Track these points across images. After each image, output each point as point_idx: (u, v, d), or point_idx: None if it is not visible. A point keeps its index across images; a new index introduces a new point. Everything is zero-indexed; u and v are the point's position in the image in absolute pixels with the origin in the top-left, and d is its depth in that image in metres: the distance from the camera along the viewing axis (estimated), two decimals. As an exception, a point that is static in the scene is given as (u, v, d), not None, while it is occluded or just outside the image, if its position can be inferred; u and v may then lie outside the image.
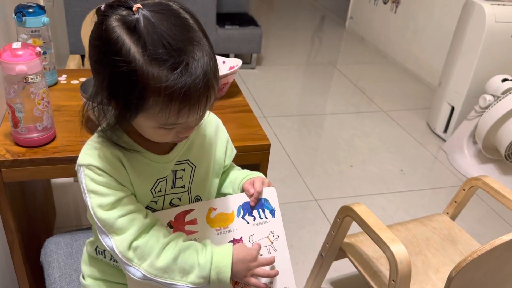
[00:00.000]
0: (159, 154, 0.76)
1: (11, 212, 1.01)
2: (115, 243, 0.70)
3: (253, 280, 0.77)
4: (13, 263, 1.09)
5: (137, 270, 0.71)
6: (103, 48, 0.61)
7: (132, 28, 0.60)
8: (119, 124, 0.68)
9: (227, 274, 0.73)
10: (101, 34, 0.61)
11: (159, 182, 0.77)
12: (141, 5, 0.61)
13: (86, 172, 0.71)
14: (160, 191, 0.79)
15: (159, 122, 0.65)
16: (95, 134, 0.73)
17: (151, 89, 0.60)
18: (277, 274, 0.82)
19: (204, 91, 0.62)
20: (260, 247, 0.83)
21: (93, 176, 0.70)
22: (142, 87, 0.60)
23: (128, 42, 0.60)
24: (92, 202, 0.70)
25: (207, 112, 0.76)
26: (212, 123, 0.86)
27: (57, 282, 0.98)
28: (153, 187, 0.77)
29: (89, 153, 0.71)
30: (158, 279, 0.71)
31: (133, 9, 0.60)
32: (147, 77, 0.60)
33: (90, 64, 0.68)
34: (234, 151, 0.91)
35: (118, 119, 0.66)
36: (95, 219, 0.71)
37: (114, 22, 0.61)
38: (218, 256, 0.74)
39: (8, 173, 0.96)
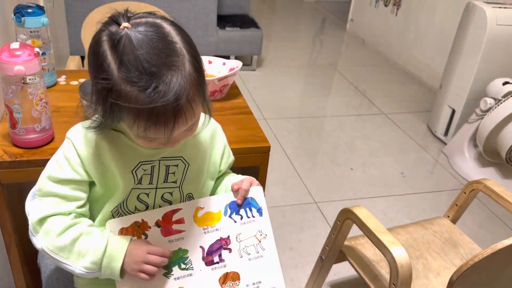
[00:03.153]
0: None
1: (8, 214, 1.01)
2: (33, 209, 0.76)
3: (143, 275, 0.75)
4: (11, 266, 1.08)
5: (38, 241, 0.76)
6: (91, 59, 0.68)
7: (114, 45, 0.64)
8: (104, 125, 0.72)
9: (118, 264, 0.74)
10: (93, 45, 0.67)
11: (141, 165, 0.78)
12: (132, 24, 0.65)
13: (66, 143, 0.77)
14: (150, 183, 0.80)
15: (134, 133, 0.69)
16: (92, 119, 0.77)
17: (121, 104, 0.65)
18: (169, 254, 0.78)
19: (172, 115, 0.65)
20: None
21: (66, 150, 0.76)
22: (114, 101, 0.65)
23: (110, 58, 0.64)
24: (48, 169, 0.77)
25: (206, 119, 0.80)
26: (208, 127, 0.87)
27: (54, 284, 0.97)
28: (134, 168, 0.78)
29: (78, 129, 0.77)
30: (54, 256, 0.75)
31: (120, 27, 0.65)
32: (119, 93, 0.64)
33: None
34: (232, 158, 0.93)
35: (102, 121, 0.72)
36: (38, 182, 0.77)
37: (104, 37, 0.66)
38: (113, 244, 0.75)
39: (6, 174, 0.96)
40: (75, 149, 0.75)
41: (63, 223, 0.75)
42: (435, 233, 1.34)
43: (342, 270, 1.60)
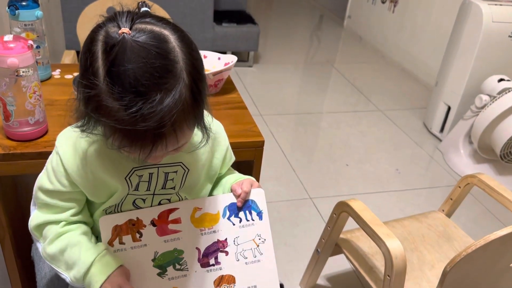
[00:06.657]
0: None
1: (2, 207, 1.01)
2: (32, 215, 0.78)
3: None
4: (4, 258, 1.08)
5: (40, 247, 0.78)
6: (82, 55, 0.61)
7: (108, 49, 0.57)
8: (85, 125, 0.66)
9: (97, 284, 0.72)
10: (88, 41, 0.61)
11: (135, 171, 0.75)
12: (135, 29, 0.58)
13: (53, 153, 0.76)
14: (148, 189, 0.78)
15: (109, 144, 0.64)
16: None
17: (100, 115, 0.60)
18: None
19: (150, 141, 0.60)
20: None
21: (53, 160, 0.75)
22: (94, 108, 0.60)
23: (99, 62, 0.58)
24: (39, 179, 0.77)
25: (203, 139, 0.72)
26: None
27: (47, 276, 0.97)
28: (127, 175, 0.75)
29: (68, 135, 0.75)
30: (49, 263, 0.78)
31: (119, 31, 0.58)
32: (99, 104, 0.59)
33: None
34: (233, 158, 0.90)
35: (83, 122, 0.66)
36: (34, 190, 0.78)
37: (100, 36, 0.59)
38: (96, 268, 0.73)
39: (-1, 167, 0.95)
40: (61, 160, 0.73)
41: (53, 232, 0.76)
42: (429, 226, 1.35)
43: (336, 264, 1.61)
